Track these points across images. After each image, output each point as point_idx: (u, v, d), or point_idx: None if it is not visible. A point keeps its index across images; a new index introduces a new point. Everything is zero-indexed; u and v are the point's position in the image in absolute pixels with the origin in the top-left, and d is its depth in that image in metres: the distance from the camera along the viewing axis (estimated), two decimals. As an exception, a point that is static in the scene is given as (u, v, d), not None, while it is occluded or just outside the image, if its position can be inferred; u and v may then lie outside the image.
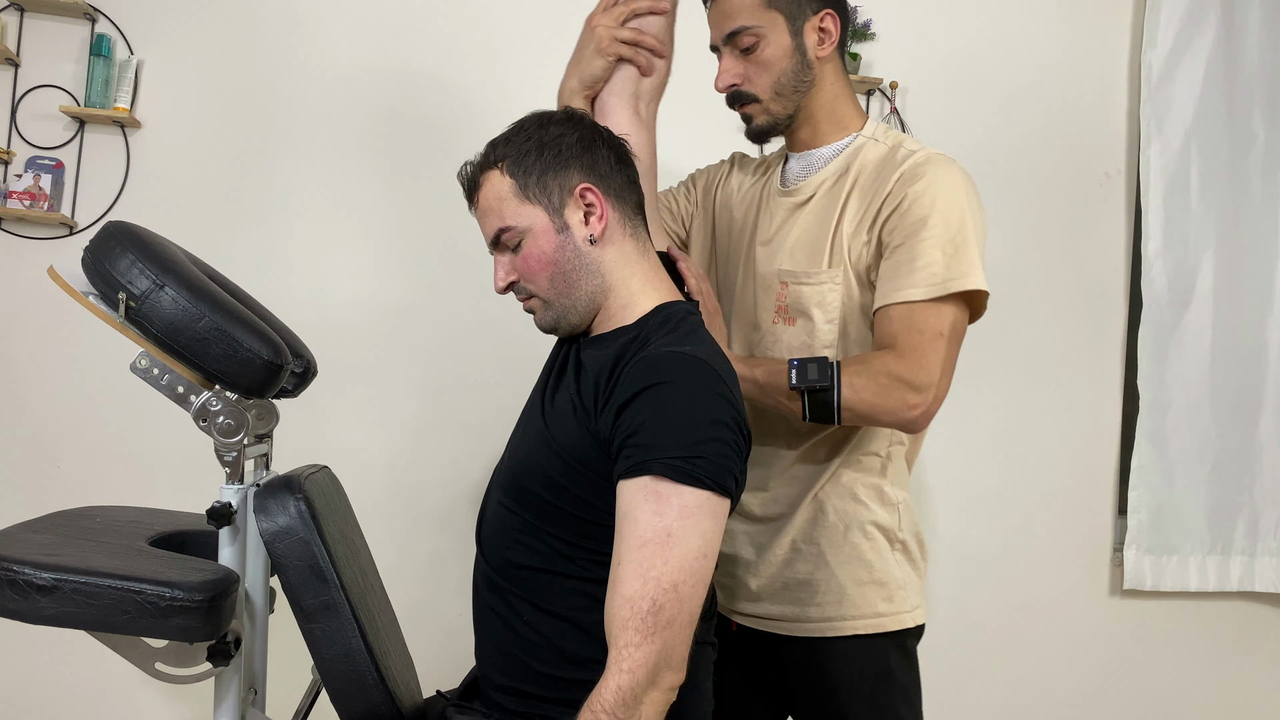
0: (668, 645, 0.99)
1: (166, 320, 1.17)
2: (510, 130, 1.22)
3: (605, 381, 1.10)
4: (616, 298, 1.19)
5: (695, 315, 1.21)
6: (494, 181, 1.19)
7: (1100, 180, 2.55)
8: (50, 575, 1.09)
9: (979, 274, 1.30)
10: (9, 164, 2.13)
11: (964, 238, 1.29)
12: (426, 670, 1.54)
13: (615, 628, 1.00)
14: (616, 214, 1.19)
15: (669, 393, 1.05)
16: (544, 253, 1.17)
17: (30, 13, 2.14)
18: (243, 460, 1.26)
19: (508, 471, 1.23)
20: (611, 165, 1.20)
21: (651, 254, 1.24)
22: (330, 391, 2.14)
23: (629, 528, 1.02)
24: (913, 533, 1.43)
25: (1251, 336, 2.53)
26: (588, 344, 1.21)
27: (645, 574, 0.99)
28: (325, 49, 2.23)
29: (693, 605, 1.01)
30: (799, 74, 1.37)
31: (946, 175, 1.32)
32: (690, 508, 1.01)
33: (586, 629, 1.12)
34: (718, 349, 1.16)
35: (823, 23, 1.37)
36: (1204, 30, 2.50)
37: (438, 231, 2.26)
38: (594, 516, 1.11)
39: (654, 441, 1.02)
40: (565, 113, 1.24)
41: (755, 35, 1.34)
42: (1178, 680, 2.56)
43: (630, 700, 0.98)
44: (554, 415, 1.18)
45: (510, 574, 1.17)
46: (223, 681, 1.24)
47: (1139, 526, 2.48)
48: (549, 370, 1.28)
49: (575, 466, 1.11)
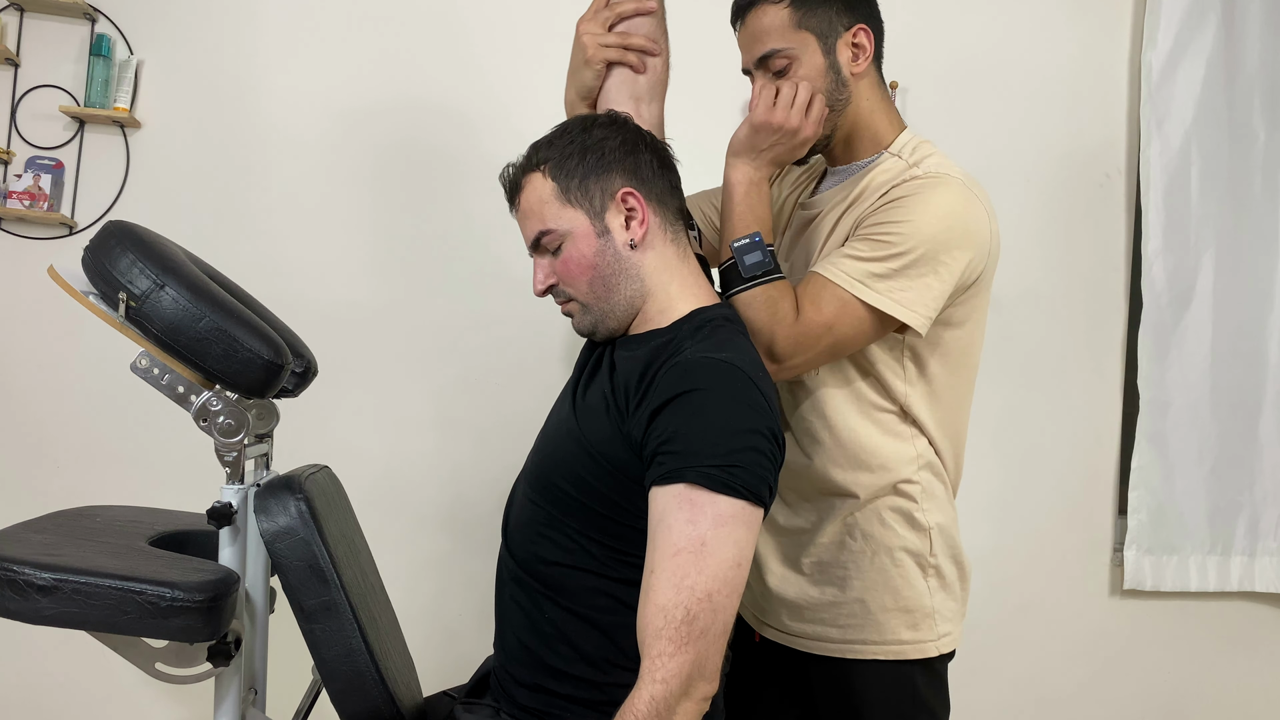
0: (701, 655, 0.99)
1: (166, 320, 1.17)
2: (553, 133, 1.21)
3: (637, 384, 1.10)
4: (655, 302, 1.19)
5: (733, 321, 1.20)
6: (536, 184, 1.19)
7: (1100, 180, 2.55)
8: (50, 575, 1.09)
9: (909, 306, 1.23)
10: (9, 164, 2.13)
11: (914, 262, 1.23)
12: (426, 670, 1.54)
13: (649, 637, 0.99)
14: (658, 219, 1.19)
15: (704, 400, 1.04)
16: (584, 256, 1.17)
17: (30, 13, 2.14)
18: (243, 460, 1.26)
19: (535, 466, 1.22)
20: (654, 170, 1.20)
21: (692, 259, 1.24)
22: (330, 391, 2.14)
23: (663, 536, 1.01)
24: (949, 556, 1.37)
25: (1251, 336, 2.53)
26: (621, 344, 1.21)
27: (679, 583, 0.99)
28: (325, 49, 2.23)
29: (727, 615, 1.01)
30: (834, 93, 1.32)
31: (936, 198, 1.25)
32: (725, 516, 1.00)
33: (606, 630, 1.12)
34: (755, 356, 1.15)
35: (855, 38, 1.33)
36: (1204, 30, 2.50)
37: (438, 231, 2.26)
38: (620, 516, 1.11)
39: (689, 449, 1.02)
40: (609, 116, 1.23)
41: (787, 57, 1.30)
42: (1178, 680, 2.55)
43: (664, 710, 0.97)
44: (585, 412, 1.18)
45: (534, 569, 1.17)
46: (223, 681, 1.24)
47: (1139, 526, 2.48)
48: (580, 369, 1.28)
49: (604, 465, 1.11)
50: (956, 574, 1.39)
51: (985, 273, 1.33)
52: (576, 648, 1.14)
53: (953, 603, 1.38)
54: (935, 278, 1.24)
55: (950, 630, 1.37)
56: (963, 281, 1.28)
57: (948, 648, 1.37)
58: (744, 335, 1.19)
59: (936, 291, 1.25)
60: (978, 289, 1.33)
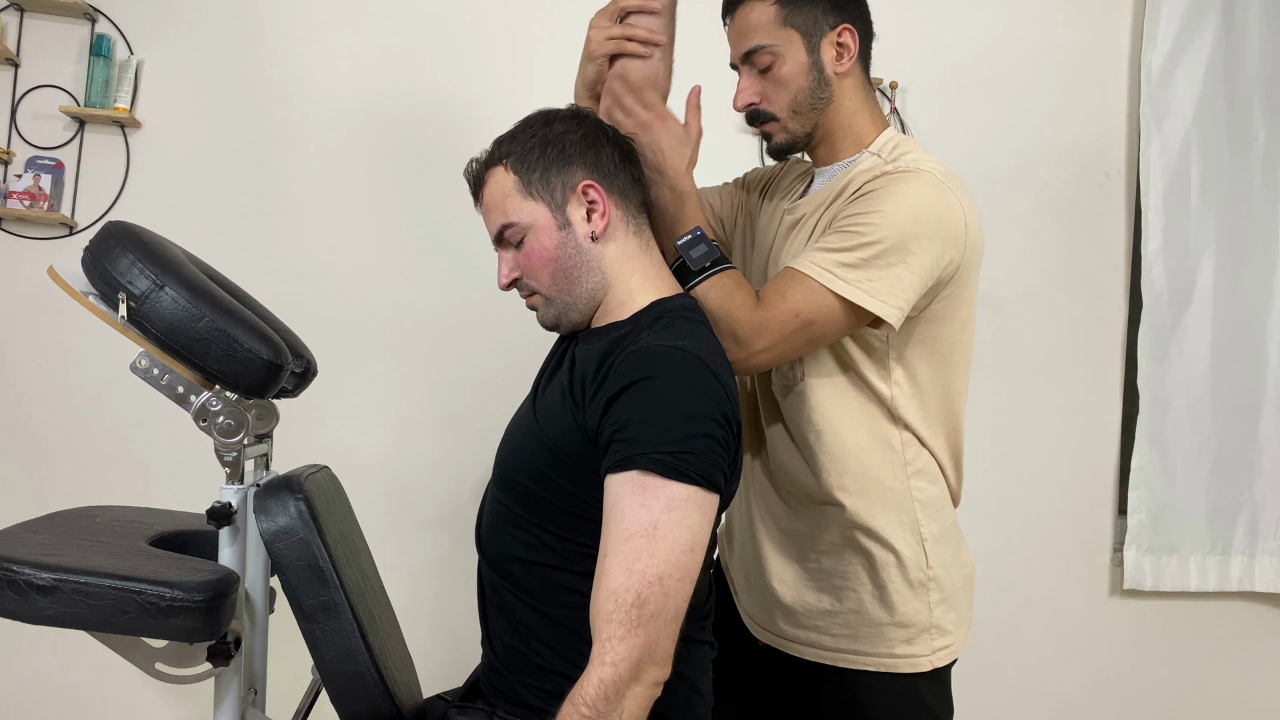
0: (652, 639, 0.98)
1: (166, 320, 1.17)
2: (516, 127, 1.22)
3: (594, 374, 1.10)
4: (615, 294, 1.19)
5: (693, 310, 1.20)
6: (498, 178, 1.20)
7: (1100, 180, 2.55)
8: (50, 575, 1.09)
9: (878, 297, 1.22)
10: (9, 164, 2.13)
11: (883, 252, 1.21)
12: (426, 670, 1.54)
13: (599, 620, 0.99)
14: (619, 211, 1.19)
15: (657, 387, 1.04)
16: (546, 249, 1.17)
17: (30, 13, 2.14)
18: (243, 460, 1.26)
19: (499, 465, 1.23)
20: (616, 163, 1.20)
21: (655, 251, 1.24)
22: (330, 391, 2.14)
23: (615, 520, 1.01)
24: (947, 566, 1.35)
25: (1251, 336, 2.53)
26: (582, 338, 1.21)
27: (630, 566, 0.99)
28: (324, 48, 2.23)
29: (679, 600, 1.00)
30: (815, 91, 1.33)
31: (906, 189, 1.24)
32: (678, 501, 1.00)
33: (576, 630, 1.12)
34: (714, 344, 1.16)
35: (840, 38, 1.33)
36: (1204, 30, 2.50)
37: (438, 230, 2.26)
38: (579, 509, 1.11)
39: (642, 436, 1.02)
40: (571, 110, 1.24)
41: (772, 54, 1.31)
42: (1178, 680, 2.56)
43: (612, 694, 0.97)
44: (543, 407, 1.19)
45: (504, 568, 1.18)
46: (223, 681, 1.24)
47: (1139, 526, 2.48)
48: (545, 365, 1.29)
49: (561, 457, 1.11)
50: (957, 583, 1.37)
51: (965, 268, 1.30)
52: (553, 647, 1.14)
53: (953, 614, 1.36)
54: (905, 268, 1.22)
55: (948, 643, 1.35)
56: (940, 276, 1.27)
57: (944, 661, 1.35)
58: (704, 324, 1.19)
59: (907, 283, 1.23)
60: (959, 285, 1.31)
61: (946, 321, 1.33)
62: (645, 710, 1.00)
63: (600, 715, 0.96)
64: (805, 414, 1.34)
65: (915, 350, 1.32)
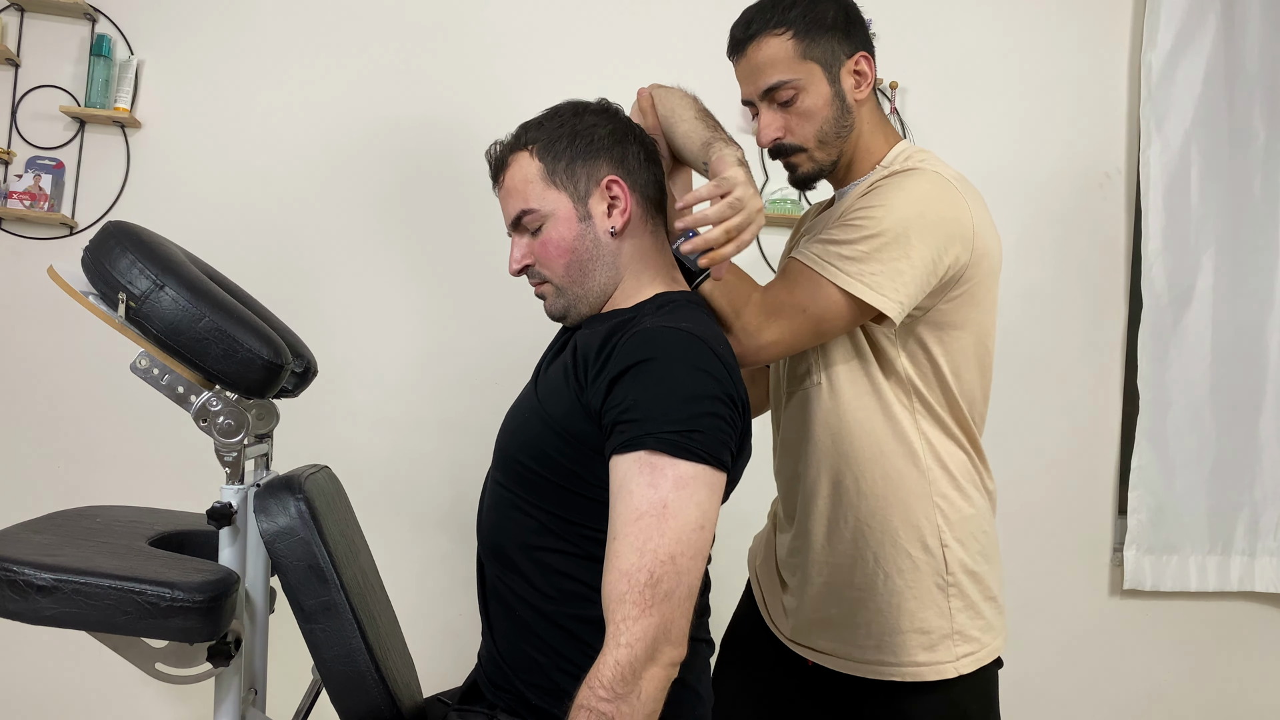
0: (666, 619, 0.97)
1: (166, 320, 1.17)
2: (544, 115, 1.22)
3: (596, 354, 1.10)
4: (624, 289, 1.20)
5: (697, 302, 1.21)
6: (522, 163, 1.19)
7: (1100, 180, 2.55)
8: (50, 575, 1.09)
9: (878, 290, 1.21)
10: (9, 164, 2.13)
11: (884, 245, 1.21)
12: (426, 670, 1.54)
13: (612, 602, 0.98)
14: (640, 209, 1.20)
15: (661, 368, 1.04)
16: (563, 239, 1.17)
17: (30, 13, 2.14)
18: (243, 460, 1.26)
19: (500, 447, 1.23)
20: (640, 162, 1.21)
21: (667, 252, 1.25)
22: (330, 391, 2.14)
23: (624, 501, 1.01)
24: (969, 572, 1.34)
25: (1251, 336, 2.53)
26: (585, 325, 1.21)
27: (642, 546, 0.98)
28: (324, 48, 2.23)
29: (691, 578, 1.00)
30: (840, 120, 1.34)
31: (909, 185, 1.26)
32: (686, 479, 1.00)
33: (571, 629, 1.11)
34: (714, 328, 1.16)
35: (858, 66, 1.34)
36: (1204, 30, 2.50)
37: (438, 230, 2.26)
38: (580, 488, 1.11)
39: (648, 416, 1.02)
40: (601, 104, 1.24)
41: (795, 88, 1.31)
42: (1178, 680, 2.56)
43: (629, 675, 0.95)
44: (545, 387, 1.18)
45: (502, 554, 1.17)
46: (223, 682, 1.24)
47: (1139, 526, 2.49)
48: (546, 353, 1.29)
49: (564, 435, 1.11)
50: (980, 590, 1.36)
51: (977, 272, 1.29)
52: (552, 645, 1.13)
53: (980, 619, 1.35)
54: (907, 262, 1.22)
55: (972, 650, 1.34)
56: (945, 274, 1.26)
57: (970, 667, 1.34)
58: (707, 311, 1.20)
59: (908, 277, 1.22)
60: (971, 288, 1.30)
61: (960, 326, 1.32)
62: (662, 692, 0.99)
63: (618, 697, 0.95)
64: (823, 419, 1.34)
65: (930, 353, 1.32)
